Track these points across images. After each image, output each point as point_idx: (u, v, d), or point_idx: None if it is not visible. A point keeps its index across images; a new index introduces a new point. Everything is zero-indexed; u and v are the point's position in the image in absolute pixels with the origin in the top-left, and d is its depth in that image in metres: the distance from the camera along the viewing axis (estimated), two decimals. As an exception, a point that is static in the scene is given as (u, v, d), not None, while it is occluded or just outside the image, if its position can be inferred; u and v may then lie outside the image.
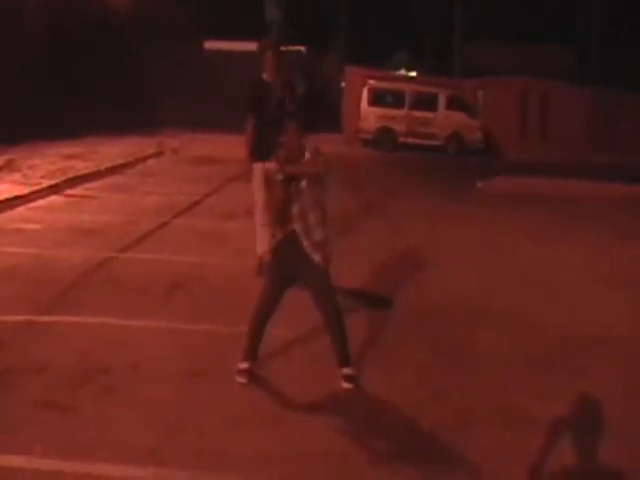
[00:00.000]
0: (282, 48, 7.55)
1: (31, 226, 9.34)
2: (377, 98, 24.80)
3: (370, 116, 24.62)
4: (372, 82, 25.14)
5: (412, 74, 32.71)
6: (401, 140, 24.55)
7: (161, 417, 4.43)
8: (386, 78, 26.87)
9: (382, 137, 24.48)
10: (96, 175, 13.70)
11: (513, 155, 24.80)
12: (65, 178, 12.63)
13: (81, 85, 19.83)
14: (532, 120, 27.09)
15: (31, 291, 6.65)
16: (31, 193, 11.14)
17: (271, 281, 5.00)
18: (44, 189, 11.57)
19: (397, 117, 24.59)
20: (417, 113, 24.61)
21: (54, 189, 11.82)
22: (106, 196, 11.97)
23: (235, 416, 4.49)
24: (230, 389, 4.85)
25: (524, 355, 5.81)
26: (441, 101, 24.80)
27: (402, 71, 34.20)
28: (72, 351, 5.32)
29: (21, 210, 10.37)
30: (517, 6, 34.39)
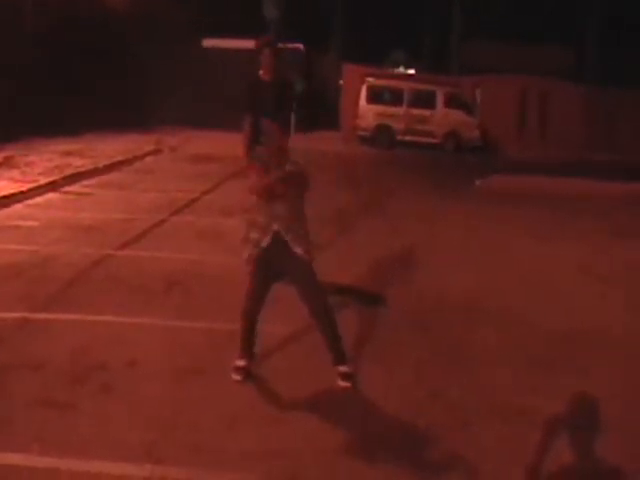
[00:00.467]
0: (280, 46, 7.51)
1: (29, 223, 9.32)
2: (375, 96, 24.73)
3: (368, 114, 24.57)
4: (370, 80, 25.07)
5: (411, 71, 32.73)
6: (399, 138, 24.52)
7: (159, 414, 4.42)
8: (384, 76, 26.82)
9: (380, 135, 24.45)
10: (94, 172, 13.69)
11: (511, 153, 24.79)
12: (63, 175, 12.60)
13: (81, 85, 19.80)
14: (531, 118, 27.06)
15: (28, 288, 6.63)
16: (29, 190, 11.12)
17: (256, 279, 4.99)
18: (42, 186, 11.55)
19: (395, 115, 24.54)
20: (415, 111, 24.55)
21: (52, 186, 11.80)
22: (104, 193, 11.95)
23: (232, 413, 4.48)
24: (227, 386, 4.84)
25: (523, 354, 5.80)
26: (439, 99, 24.74)
27: (401, 69, 34.20)
28: (69, 348, 5.30)
29: (19, 207, 10.34)
30: (517, 6, 34.39)
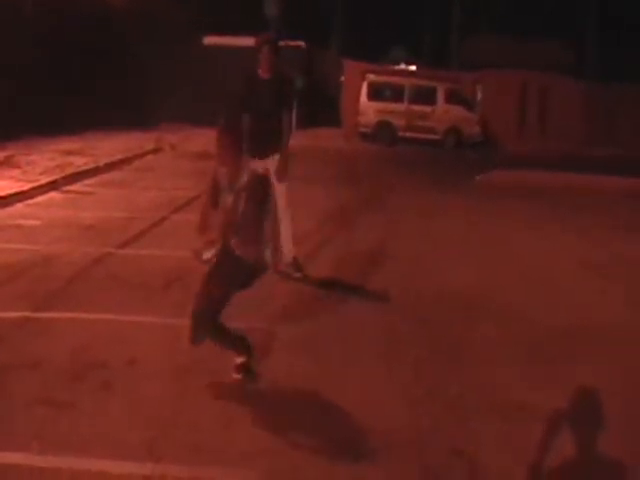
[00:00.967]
0: (280, 43, 7.48)
1: (30, 222, 9.32)
2: (376, 92, 24.73)
3: (369, 110, 24.56)
4: (371, 76, 25.06)
5: (412, 68, 32.66)
6: (400, 134, 24.51)
7: (159, 413, 4.42)
8: (385, 72, 26.80)
9: (381, 131, 24.44)
10: (95, 171, 13.69)
11: (512, 148, 24.79)
12: (64, 174, 12.60)
13: (81, 85, 19.80)
14: (531, 113, 27.05)
15: (29, 287, 6.64)
16: (30, 189, 11.11)
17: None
18: (43, 185, 11.55)
19: (396, 111, 24.53)
20: (416, 107, 24.54)
21: (53, 185, 11.80)
22: (105, 192, 11.96)
23: (233, 412, 4.48)
24: (228, 385, 4.84)
25: (523, 350, 5.80)
26: (440, 95, 24.73)
27: (402, 65, 34.13)
28: (70, 347, 5.30)
29: (20, 206, 10.35)
30: (517, 3, 34.36)
